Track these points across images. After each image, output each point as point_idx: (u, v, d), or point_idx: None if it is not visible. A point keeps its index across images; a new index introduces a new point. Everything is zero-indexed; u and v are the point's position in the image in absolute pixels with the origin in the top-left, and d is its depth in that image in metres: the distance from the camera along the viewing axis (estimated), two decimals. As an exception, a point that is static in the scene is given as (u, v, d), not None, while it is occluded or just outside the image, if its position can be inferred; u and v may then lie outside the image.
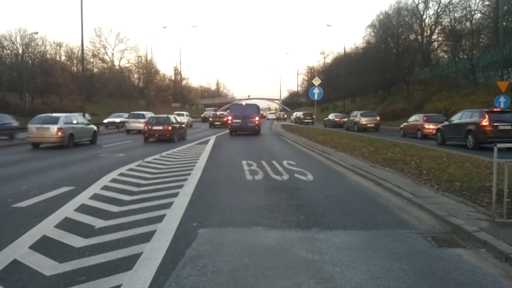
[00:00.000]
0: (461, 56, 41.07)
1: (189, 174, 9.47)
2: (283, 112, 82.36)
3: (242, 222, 5.50)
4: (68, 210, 6.07)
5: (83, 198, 6.90)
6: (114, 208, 6.20)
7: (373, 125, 29.45)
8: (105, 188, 7.81)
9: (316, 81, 24.78)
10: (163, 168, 10.62)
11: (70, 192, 7.39)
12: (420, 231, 5.12)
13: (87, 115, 27.22)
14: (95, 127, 19.93)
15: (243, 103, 34.23)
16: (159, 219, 5.55)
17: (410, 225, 5.43)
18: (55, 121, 16.41)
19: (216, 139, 22.21)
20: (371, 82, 51.59)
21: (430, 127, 21.47)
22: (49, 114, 17.89)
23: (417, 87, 47.46)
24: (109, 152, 14.93)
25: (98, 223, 5.41)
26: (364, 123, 29.62)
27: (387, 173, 9.23)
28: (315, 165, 11.73)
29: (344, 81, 50.03)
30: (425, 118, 22.55)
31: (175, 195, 7.13)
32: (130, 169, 10.27)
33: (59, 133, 16.13)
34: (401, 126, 25.28)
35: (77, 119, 18.31)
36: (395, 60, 50.91)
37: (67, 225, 5.34)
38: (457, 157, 11.62)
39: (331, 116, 41.53)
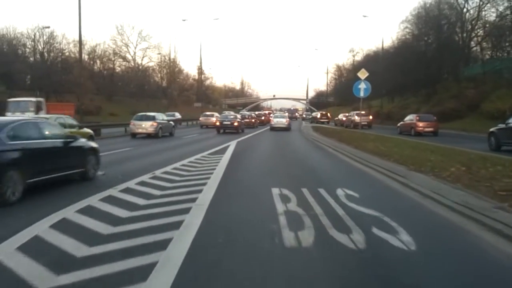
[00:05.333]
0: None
1: (177, 228, 5.43)
2: (309, 112, 79.70)
3: None
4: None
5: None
6: None
7: (366, 123, 35.76)
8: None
9: (363, 74, 19.05)
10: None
11: None
12: None
13: None
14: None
15: (292, 107, 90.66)
16: None
17: None
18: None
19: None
20: (411, 80, 46.21)
21: (421, 125, 25.20)
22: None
23: (465, 85, 41.84)
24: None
25: None
26: (358, 121, 34.55)
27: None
28: (394, 200, 7.21)
29: (382, 78, 44.73)
30: (417, 118, 26.10)
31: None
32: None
33: None
34: (398, 124, 28.91)
35: None
36: (437, 56, 45.35)
37: None
38: None
39: (340, 116, 46.03)
